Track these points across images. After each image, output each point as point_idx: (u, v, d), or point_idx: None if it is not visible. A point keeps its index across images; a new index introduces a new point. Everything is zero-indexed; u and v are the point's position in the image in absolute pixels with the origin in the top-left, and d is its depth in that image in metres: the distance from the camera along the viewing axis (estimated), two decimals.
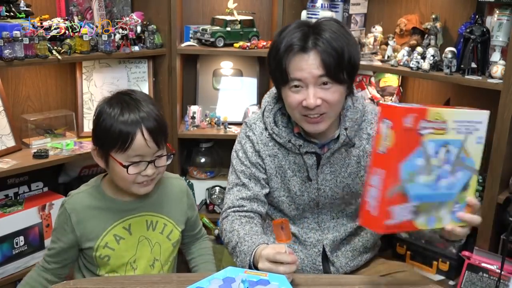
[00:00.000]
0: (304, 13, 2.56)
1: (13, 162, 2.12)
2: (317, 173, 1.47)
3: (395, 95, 2.54)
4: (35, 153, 2.19)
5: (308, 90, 1.35)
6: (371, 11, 2.66)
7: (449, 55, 2.14)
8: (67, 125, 2.46)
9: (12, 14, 2.13)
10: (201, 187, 2.82)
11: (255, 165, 1.51)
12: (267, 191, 1.52)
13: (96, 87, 2.54)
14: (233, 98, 2.84)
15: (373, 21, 2.60)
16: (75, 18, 2.37)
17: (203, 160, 2.88)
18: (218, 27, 2.64)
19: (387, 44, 2.46)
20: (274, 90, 1.53)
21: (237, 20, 2.66)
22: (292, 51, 1.35)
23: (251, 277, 1.17)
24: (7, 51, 2.00)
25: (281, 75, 1.39)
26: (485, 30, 2.07)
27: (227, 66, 2.86)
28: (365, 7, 2.64)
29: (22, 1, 2.17)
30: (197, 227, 1.63)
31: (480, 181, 2.21)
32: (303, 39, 1.35)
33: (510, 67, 1.93)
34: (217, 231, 2.68)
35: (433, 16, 2.33)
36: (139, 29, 2.50)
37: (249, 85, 2.86)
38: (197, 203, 2.81)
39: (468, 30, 2.10)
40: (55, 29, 2.18)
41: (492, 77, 2.03)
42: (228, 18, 2.64)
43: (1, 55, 2.00)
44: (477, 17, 2.11)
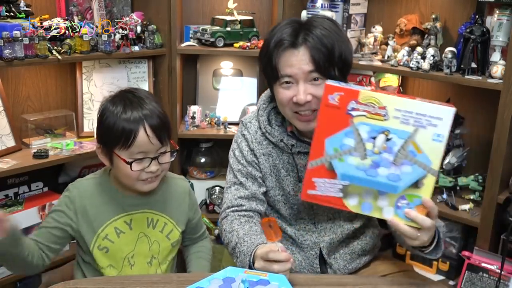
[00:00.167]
0: (304, 13, 2.56)
1: (13, 162, 2.12)
2: None
3: None
4: (35, 153, 2.19)
5: (298, 86, 1.35)
6: (371, 11, 2.66)
7: (449, 55, 2.14)
8: (67, 125, 2.46)
9: (12, 14, 2.13)
10: (201, 187, 2.82)
11: (251, 164, 1.50)
12: (264, 189, 1.51)
13: (96, 87, 2.53)
14: (233, 98, 2.84)
15: (373, 21, 2.60)
16: (75, 18, 2.37)
17: (203, 160, 2.88)
18: (218, 27, 2.64)
19: (387, 44, 2.46)
20: None
21: (237, 20, 2.66)
22: (282, 46, 1.35)
23: (251, 277, 1.17)
24: (7, 51, 2.00)
25: (271, 71, 1.38)
26: (485, 30, 2.07)
27: (227, 66, 2.86)
28: (365, 7, 2.64)
29: (22, 1, 2.17)
30: (199, 231, 1.62)
31: (480, 181, 2.22)
32: (293, 34, 1.35)
33: (510, 67, 1.93)
34: (217, 231, 2.68)
35: (433, 16, 2.33)
36: (139, 29, 2.50)
37: (249, 85, 2.86)
38: (197, 203, 2.81)
39: (468, 30, 2.10)
40: (55, 29, 2.18)
41: (492, 77, 2.03)
42: (228, 18, 2.64)
43: (1, 55, 2.00)
44: (477, 17, 2.11)
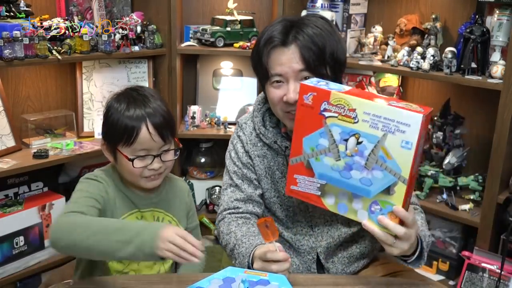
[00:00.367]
0: (304, 13, 2.56)
1: (13, 162, 2.12)
2: None
3: (395, 95, 2.54)
4: (35, 153, 2.19)
5: (288, 85, 1.33)
6: (371, 11, 2.66)
7: (449, 55, 2.14)
8: (67, 125, 2.47)
9: (12, 14, 2.14)
10: (201, 187, 2.82)
11: (246, 166, 1.49)
12: (261, 191, 1.50)
13: (96, 87, 2.54)
14: (233, 98, 2.84)
15: (373, 21, 2.60)
16: (75, 18, 2.37)
17: (203, 160, 2.88)
18: (218, 27, 2.64)
19: (387, 44, 2.46)
20: None
21: (237, 20, 2.66)
22: (271, 44, 1.34)
23: (251, 277, 1.17)
24: (7, 51, 2.00)
25: (262, 70, 1.37)
26: (485, 30, 2.07)
27: (227, 66, 2.86)
28: (365, 7, 2.64)
29: (22, 1, 2.17)
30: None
31: (480, 181, 2.22)
32: (284, 32, 1.33)
33: (510, 67, 1.93)
34: (216, 231, 2.68)
35: (433, 16, 2.33)
36: (139, 29, 2.50)
37: (249, 85, 2.86)
38: (197, 203, 2.81)
39: (468, 30, 2.10)
40: (55, 29, 2.18)
41: (492, 77, 2.04)
42: (228, 18, 2.65)
43: (1, 55, 2.00)
44: (477, 17, 2.11)
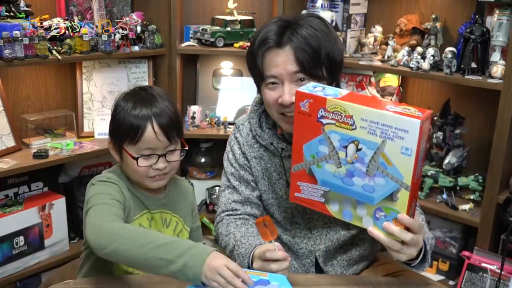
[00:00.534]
0: (304, 13, 2.56)
1: (13, 162, 2.12)
2: None
3: (395, 95, 2.54)
4: (35, 153, 2.19)
5: (283, 87, 1.32)
6: (371, 11, 2.66)
7: (449, 55, 2.14)
8: (67, 125, 2.47)
9: (12, 14, 2.13)
10: (201, 187, 2.82)
11: (243, 167, 1.48)
12: (258, 193, 1.49)
13: (96, 87, 2.53)
14: (233, 98, 2.84)
15: (373, 21, 2.60)
16: (75, 18, 2.37)
17: (203, 160, 2.88)
18: (218, 27, 2.64)
19: (387, 44, 2.46)
20: None
21: (237, 20, 2.66)
22: (266, 46, 1.32)
23: (251, 277, 1.17)
24: (7, 51, 2.00)
25: (257, 71, 1.36)
26: (485, 30, 2.07)
27: (227, 66, 2.86)
28: (365, 7, 2.64)
29: (22, 1, 2.17)
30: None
31: (480, 181, 2.22)
32: (278, 33, 1.31)
33: (510, 67, 1.93)
34: (215, 233, 2.67)
35: (433, 16, 2.33)
36: (139, 29, 2.50)
37: (249, 85, 2.84)
38: (197, 203, 2.81)
39: (468, 30, 2.10)
40: (55, 29, 2.18)
41: (492, 77, 2.04)
42: (228, 18, 2.64)
43: (1, 55, 2.00)
44: (477, 17, 2.11)
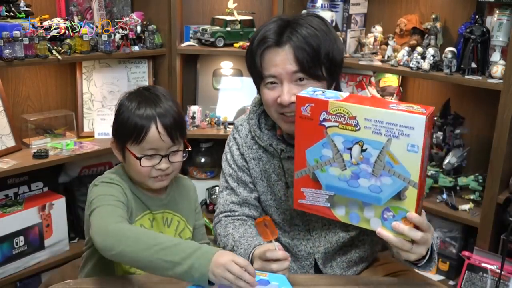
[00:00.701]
0: (304, 13, 2.56)
1: (13, 162, 2.12)
2: None
3: (395, 95, 2.54)
4: (35, 153, 2.19)
5: (283, 86, 1.31)
6: (371, 11, 2.66)
7: (449, 55, 2.14)
8: (67, 125, 2.47)
9: (12, 14, 2.13)
10: (201, 187, 2.82)
11: (242, 169, 1.48)
12: (256, 195, 1.49)
13: (96, 87, 2.53)
14: (233, 98, 2.84)
15: (373, 21, 2.60)
16: (75, 18, 2.37)
17: (203, 160, 2.88)
18: (218, 27, 2.64)
19: (387, 44, 2.46)
20: None
21: (237, 20, 2.66)
22: (265, 44, 1.31)
23: None
24: (7, 51, 2.00)
25: (256, 70, 1.35)
26: (485, 30, 2.07)
27: (227, 66, 2.86)
28: (365, 7, 2.64)
29: (22, 1, 2.17)
30: (200, 240, 1.55)
31: (480, 181, 2.22)
32: (278, 32, 1.30)
33: (510, 67, 1.93)
34: (213, 233, 2.68)
35: (433, 16, 2.33)
36: (139, 29, 2.50)
37: (249, 85, 2.82)
38: None
39: (468, 30, 2.10)
40: (55, 29, 2.18)
41: (492, 77, 2.03)
42: (228, 18, 2.64)
43: (1, 55, 2.00)
44: (477, 17, 2.11)
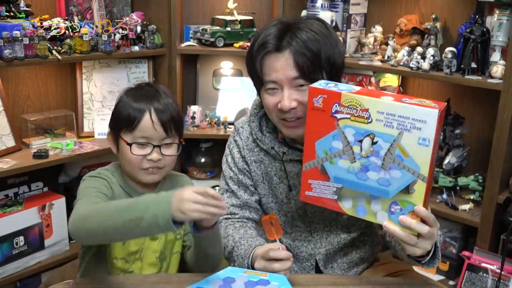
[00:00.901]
0: (304, 13, 2.56)
1: (13, 162, 2.12)
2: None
3: None
4: (35, 153, 2.19)
5: (283, 92, 1.30)
6: (371, 11, 2.66)
7: (449, 55, 2.14)
8: (67, 125, 2.47)
9: (12, 14, 2.13)
10: None
11: (242, 172, 1.47)
12: (257, 197, 1.49)
13: (96, 87, 2.53)
14: (233, 98, 2.84)
15: (373, 21, 2.60)
16: (75, 18, 2.37)
17: (203, 160, 2.88)
18: (218, 27, 2.64)
19: (387, 44, 2.46)
20: None
21: (237, 20, 2.66)
22: (265, 50, 1.30)
23: (251, 277, 1.17)
24: (7, 51, 2.00)
25: (256, 75, 1.35)
26: (485, 30, 2.07)
27: (227, 66, 2.86)
28: (365, 7, 2.64)
29: (22, 1, 2.17)
30: None
31: (480, 181, 2.22)
32: (278, 37, 1.29)
33: (510, 67, 1.93)
34: None
35: (433, 16, 2.33)
36: (139, 29, 2.50)
37: (249, 85, 2.82)
38: None
39: (468, 30, 2.10)
40: (55, 29, 2.18)
41: (492, 77, 2.03)
42: (228, 18, 2.64)
43: (1, 55, 2.00)
44: (477, 17, 2.11)
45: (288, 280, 1.18)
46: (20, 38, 2.02)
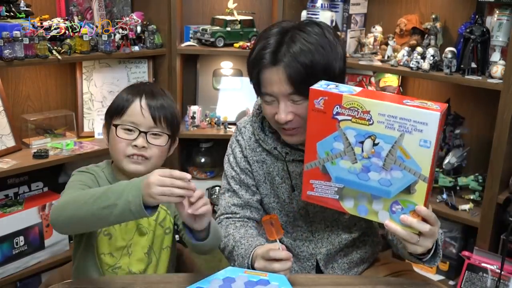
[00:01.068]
0: (304, 13, 2.56)
1: (13, 162, 2.12)
2: None
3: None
4: (35, 153, 2.19)
5: (279, 104, 1.30)
6: (371, 11, 2.66)
7: (449, 55, 2.14)
8: (67, 125, 2.47)
9: (12, 14, 2.13)
10: (201, 187, 2.78)
11: (244, 171, 1.47)
12: (259, 197, 1.49)
13: (96, 87, 2.54)
14: (233, 98, 2.84)
15: (373, 21, 2.60)
16: (75, 18, 2.37)
17: (203, 160, 2.88)
18: (218, 27, 2.64)
19: (387, 44, 2.46)
20: None
21: (237, 20, 2.66)
22: (261, 64, 1.29)
23: (251, 277, 1.17)
24: (7, 51, 2.00)
25: (254, 85, 1.36)
26: (485, 30, 2.07)
27: (227, 66, 2.86)
28: (365, 7, 2.64)
29: (22, 1, 2.17)
30: None
31: (480, 181, 2.22)
32: (273, 50, 1.27)
33: (510, 67, 1.93)
34: None
35: (433, 16, 2.33)
36: (139, 29, 2.50)
37: (249, 85, 2.83)
38: None
39: (468, 30, 2.10)
40: (55, 29, 2.18)
41: (492, 77, 2.04)
42: (228, 18, 2.65)
43: (1, 55, 2.00)
44: (477, 17, 2.11)
45: (288, 280, 1.18)
46: (20, 38, 2.02)
